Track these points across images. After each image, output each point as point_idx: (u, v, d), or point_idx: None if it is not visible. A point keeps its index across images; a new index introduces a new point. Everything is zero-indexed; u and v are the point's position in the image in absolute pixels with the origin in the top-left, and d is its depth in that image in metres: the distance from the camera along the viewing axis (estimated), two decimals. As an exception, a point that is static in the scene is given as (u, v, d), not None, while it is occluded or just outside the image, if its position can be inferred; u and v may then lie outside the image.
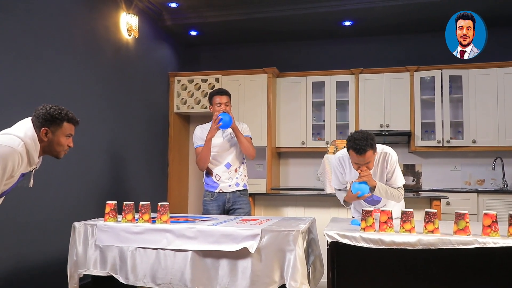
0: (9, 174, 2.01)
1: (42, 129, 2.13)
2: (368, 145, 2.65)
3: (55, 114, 2.15)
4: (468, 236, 2.26)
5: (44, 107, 2.17)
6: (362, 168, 2.75)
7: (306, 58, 6.17)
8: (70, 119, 2.21)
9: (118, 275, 2.68)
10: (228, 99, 3.54)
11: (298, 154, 6.03)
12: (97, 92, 4.26)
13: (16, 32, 3.28)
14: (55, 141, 2.17)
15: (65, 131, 2.20)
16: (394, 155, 2.91)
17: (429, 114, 5.47)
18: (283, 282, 2.47)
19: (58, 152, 2.21)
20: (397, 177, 2.92)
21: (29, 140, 2.08)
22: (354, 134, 2.71)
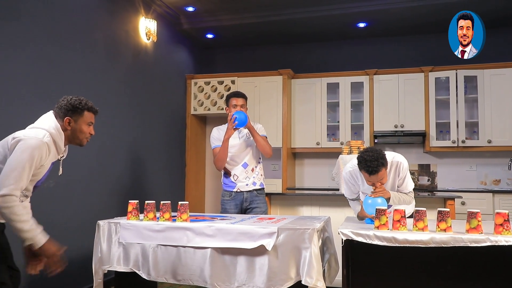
0: (38, 164, 2.13)
1: (65, 119, 2.29)
2: (379, 164, 2.68)
3: (75, 104, 2.31)
4: (480, 235, 2.31)
5: (65, 99, 2.33)
6: (377, 184, 2.79)
7: (320, 60, 6.24)
8: (90, 108, 2.37)
9: (141, 271, 2.79)
10: (244, 101, 3.64)
11: (313, 155, 6.10)
12: (118, 95, 4.40)
13: (42, 38, 3.42)
14: (78, 129, 2.33)
15: (86, 120, 2.35)
16: (405, 163, 2.95)
17: (444, 115, 5.49)
18: (299, 279, 2.55)
19: (81, 140, 2.36)
20: (408, 183, 2.98)
21: (54, 130, 2.23)
22: (365, 155, 2.72)
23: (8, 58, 3.11)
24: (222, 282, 2.65)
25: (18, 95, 3.19)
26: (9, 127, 3.08)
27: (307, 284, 2.50)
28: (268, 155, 3.63)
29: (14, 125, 3.12)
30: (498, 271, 2.46)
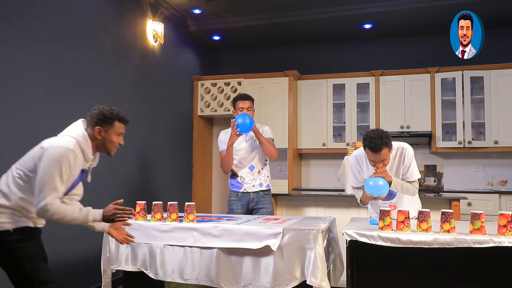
0: (68, 170, 2.16)
1: (96, 128, 2.29)
2: (383, 143, 2.72)
3: (107, 114, 2.31)
4: (484, 236, 2.33)
5: (97, 108, 2.33)
6: (378, 165, 2.82)
7: (326, 61, 6.26)
8: (121, 118, 2.37)
9: (148, 270, 2.85)
10: (251, 104, 3.68)
11: (319, 155, 6.13)
12: (126, 96, 4.46)
13: (52, 41, 3.48)
14: (108, 139, 2.33)
15: (116, 130, 2.35)
16: (410, 150, 2.99)
17: (450, 115, 5.49)
18: (304, 279, 2.59)
19: (109, 149, 2.37)
20: (412, 171, 2.99)
21: (81, 139, 2.25)
22: (370, 133, 2.79)
23: (18, 60, 3.17)
24: (228, 281, 2.70)
25: (28, 96, 3.25)
26: (20, 128, 3.16)
27: (312, 284, 2.53)
28: (273, 158, 3.66)
29: (25, 126, 3.19)
30: (501, 272, 2.47)
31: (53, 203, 2.08)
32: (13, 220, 2.13)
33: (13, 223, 2.13)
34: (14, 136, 3.13)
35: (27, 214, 2.18)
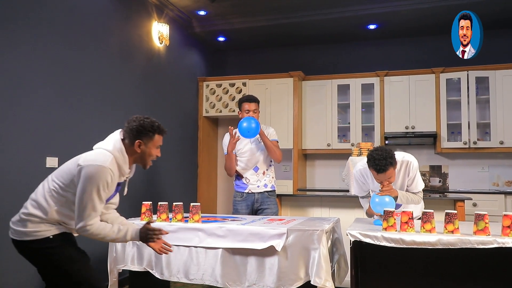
0: (106, 188, 2.13)
1: (136, 142, 2.23)
2: (387, 163, 2.72)
3: (148, 127, 2.24)
4: (488, 236, 2.34)
5: (137, 119, 2.25)
6: (385, 183, 2.83)
7: (331, 62, 6.27)
8: (161, 131, 2.30)
9: (154, 270, 2.88)
10: (257, 106, 3.69)
11: (324, 156, 6.14)
12: (132, 98, 4.50)
13: (58, 43, 3.52)
14: (147, 153, 2.27)
15: (156, 143, 2.29)
16: (415, 163, 2.99)
17: (455, 116, 5.48)
18: (308, 279, 2.61)
19: (146, 162, 2.32)
20: (417, 183, 3.02)
21: (118, 153, 2.19)
22: (374, 153, 2.77)
23: (26, 62, 3.21)
24: (233, 281, 2.72)
25: (36, 98, 3.29)
26: (28, 129, 3.20)
27: (316, 284, 2.55)
28: (277, 161, 3.68)
29: (33, 127, 3.23)
30: (506, 273, 2.48)
31: (93, 223, 2.10)
32: (51, 227, 2.16)
33: (51, 230, 2.16)
34: (23, 137, 3.17)
35: (63, 225, 2.21)
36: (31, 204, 2.18)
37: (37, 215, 2.14)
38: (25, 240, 2.14)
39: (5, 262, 3.00)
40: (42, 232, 2.14)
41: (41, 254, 2.15)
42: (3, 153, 3.01)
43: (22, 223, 2.15)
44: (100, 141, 2.32)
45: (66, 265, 2.15)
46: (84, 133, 3.74)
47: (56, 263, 2.15)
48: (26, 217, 2.15)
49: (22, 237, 2.14)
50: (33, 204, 2.18)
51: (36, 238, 2.13)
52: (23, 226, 2.14)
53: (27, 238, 2.13)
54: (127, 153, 2.23)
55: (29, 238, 2.13)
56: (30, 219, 2.14)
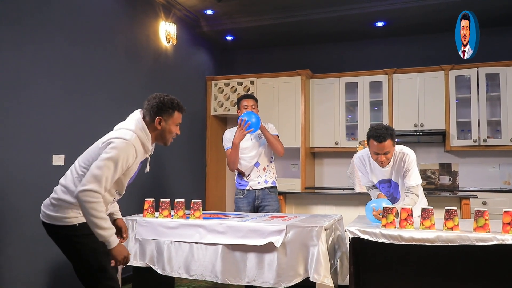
0: (124, 166, 2.15)
1: (157, 118, 2.27)
2: (388, 134, 2.77)
3: (168, 103, 2.28)
4: (487, 233, 2.31)
5: (157, 97, 2.30)
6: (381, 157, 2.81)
7: (339, 60, 6.25)
8: (181, 108, 2.35)
9: (156, 266, 2.91)
10: (255, 102, 3.73)
11: (333, 154, 6.12)
12: (139, 97, 4.52)
13: (65, 43, 3.59)
14: (167, 129, 2.31)
15: (175, 120, 2.34)
16: (412, 155, 2.97)
17: (465, 113, 5.41)
18: (307, 275, 2.60)
19: (167, 139, 2.36)
20: (411, 176, 2.95)
21: (140, 132, 2.24)
22: (375, 125, 2.89)
23: (33, 62, 3.28)
24: (233, 277, 2.73)
25: (43, 98, 3.35)
26: (34, 127, 3.26)
27: (314, 280, 2.55)
28: (280, 154, 3.69)
29: (40, 126, 3.30)
30: (505, 271, 2.45)
31: (99, 191, 2.05)
32: (79, 215, 2.17)
33: (79, 217, 2.18)
34: (30, 135, 3.23)
35: None
36: (60, 189, 2.21)
37: (66, 200, 2.17)
38: (53, 224, 2.19)
39: (16, 254, 3.07)
40: (70, 219, 2.18)
41: (66, 240, 2.20)
42: (10, 150, 3.08)
43: (52, 207, 2.19)
44: None
45: (87, 254, 2.18)
46: (91, 131, 3.79)
47: (79, 251, 2.19)
48: (55, 201, 2.19)
49: (51, 221, 2.19)
50: (62, 189, 2.21)
51: (63, 224, 2.17)
52: (53, 211, 2.18)
53: (56, 222, 2.18)
54: (148, 130, 2.27)
55: (57, 223, 2.18)
56: (59, 204, 2.18)
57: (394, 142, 2.86)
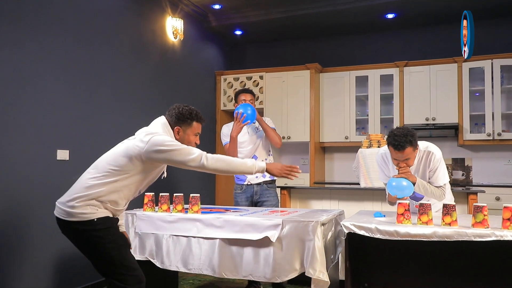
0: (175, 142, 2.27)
1: (175, 128, 2.38)
2: (407, 142, 2.64)
3: (186, 114, 2.39)
4: (486, 229, 2.25)
5: (176, 107, 2.41)
6: (401, 164, 2.74)
7: (349, 53, 6.16)
8: (199, 118, 2.44)
9: (155, 260, 2.93)
10: (252, 97, 3.74)
11: (343, 149, 6.05)
12: (146, 93, 4.58)
13: (70, 40, 3.63)
14: (186, 139, 2.40)
15: (194, 130, 2.43)
16: (438, 154, 2.84)
17: (479, 106, 5.28)
18: (303, 270, 2.58)
19: None
20: (438, 176, 2.84)
21: (168, 135, 2.34)
22: (395, 130, 2.72)
23: (37, 58, 3.33)
24: (229, 271, 2.73)
25: (47, 93, 3.40)
26: (39, 123, 3.31)
27: (310, 275, 2.53)
28: (278, 146, 3.72)
29: (44, 121, 3.35)
30: (505, 266, 2.38)
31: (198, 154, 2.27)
32: (97, 211, 2.21)
33: (97, 213, 2.21)
34: (34, 130, 3.29)
35: (107, 206, 2.26)
36: (83, 186, 2.23)
37: (87, 196, 2.20)
38: (70, 220, 2.19)
39: (21, 248, 3.14)
40: (88, 215, 2.19)
41: (84, 236, 2.20)
42: (15, 145, 3.13)
43: (69, 203, 2.20)
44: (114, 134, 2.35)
45: (107, 248, 2.19)
46: (96, 126, 3.84)
47: (97, 246, 2.20)
48: (75, 198, 2.20)
49: (68, 218, 2.19)
50: (85, 186, 2.23)
51: (81, 219, 2.18)
52: (70, 207, 2.19)
53: (73, 219, 2.18)
54: None
55: (74, 219, 2.18)
56: (78, 200, 2.19)
57: (416, 147, 2.72)
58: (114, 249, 2.20)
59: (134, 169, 2.26)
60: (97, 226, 2.20)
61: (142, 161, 2.25)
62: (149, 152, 2.21)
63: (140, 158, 2.23)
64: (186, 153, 2.24)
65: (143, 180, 2.35)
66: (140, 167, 2.27)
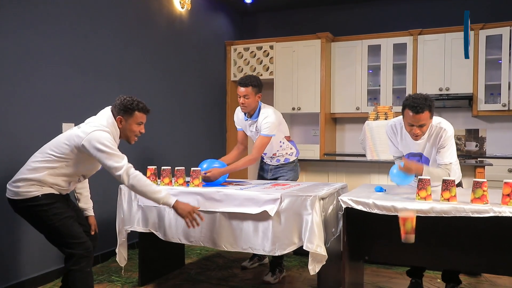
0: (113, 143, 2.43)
1: (117, 118, 2.53)
2: (426, 105, 2.54)
3: (127, 104, 2.52)
4: (485, 205, 2.21)
5: (119, 99, 2.55)
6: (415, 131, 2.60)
7: (361, 21, 5.99)
8: (141, 108, 2.57)
9: (158, 232, 2.99)
10: (249, 91, 3.22)
11: (355, 120, 5.97)
12: (153, 64, 4.56)
13: (73, 15, 3.60)
14: (128, 128, 2.56)
15: (136, 119, 2.56)
16: (450, 131, 2.70)
17: (495, 76, 5.10)
18: (301, 244, 2.60)
19: (129, 137, 2.60)
20: (446, 153, 2.70)
21: (111, 127, 2.49)
22: (414, 94, 2.64)
23: (43, 31, 3.32)
24: (229, 244, 2.78)
25: (52, 67, 3.42)
26: (44, 96, 3.34)
27: (307, 249, 2.55)
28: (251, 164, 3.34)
29: (49, 94, 3.38)
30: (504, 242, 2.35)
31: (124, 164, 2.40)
32: (41, 188, 2.40)
33: (41, 190, 2.40)
34: (40, 104, 3.33)
35: (52, 186, 2.45)
36: (26, 169, 2.44)
37: (30, 179, 2.38)
38: (17, 199, 2.40)
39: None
40: (33, 192, 2.39)
41: (31, 211, 2.41)
42: (21, 119, 3.18)
43: (15, 184, 2.41)
44: None
45: (51, 220, 2.39)
46: (100, 99, 3.85)
47: (43, 219, 2.40)
48: (20, 179, 2.41)
49: (15, 197, 2.41)
50: (28, 168, 2.43)
51: (26, 197, 2.39)
52: (16, 187, 2.40)
53: (19, 197, 2.40)
54: None
55: (20, 198, 2.39)
56: (23, 182, 2.39)
57: (432, 114, 2.62)
58: (59, 220, 2.39)
59: (75, 157, 2.43)
60: (42, 201, 2.38)
61: (80, 150, 2.40)
62: (85, 145, 2.37)
63: (78, 148, 2.40)
64: (114, 160, 2.38)
65: (83, 168, 2.52)
66: (80, 156, 2.43)
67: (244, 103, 3.26)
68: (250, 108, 3.30)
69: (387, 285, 3.23)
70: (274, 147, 3.41)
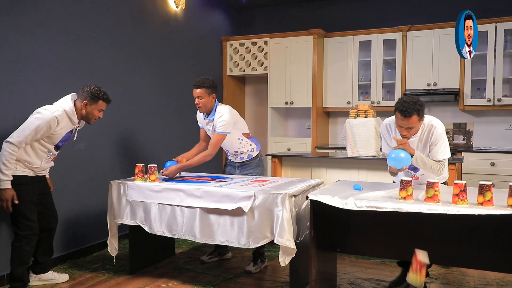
0: (45, 131, 2.87)
1: (84, 102, 3.00)
2: (414, 109, 2.67)
3: (94, 92, 3.01)
4: (436, 204, 2.40)
5: (88, 86, 3.03)
6: (404, 132, 2.77)
7: (353, 17, 6.10)
8: (105, 99, 3.07)
9: (144, 225, 3.23)
10: (202, 92, 3.41)
11: (347, 114, 6.05)
12: (146, 63, 4.74)
13: (67, 16, 3.77)
14: (90, 112, 3.05)
15: (99, 107, 3.06)
16: (440, 128, 2.86)
17: (481, 71, 5.22)
18: (273, 238, 2.82)
19: (89, 120, 3.10)
20: (438, 150, 2.86)
21: (68, 109, 2.97)
22: (404, 97, 2.77)
23: (37, 37, 3.51)
24: (208, 237, 3.01)
25: (46, 65, 3.61)
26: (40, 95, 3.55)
27: (278, 243, 2.77)
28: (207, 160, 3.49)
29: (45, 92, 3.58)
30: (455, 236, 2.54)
31: (18, 146, 2.81)
32: (15, 169, 2.85)
33: (14, 172, 2.85)
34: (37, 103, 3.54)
35: (28, 166, 2.94)
36: None
37: None
38: None
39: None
40: None
41: None
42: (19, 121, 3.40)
43: None
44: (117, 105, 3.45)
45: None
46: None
47: None
48: None
49: None
50: None
51: None
52: None
53: None
54: (76, 109, 3.01)
55: None
56: None
57: (421, 117, 2.75)
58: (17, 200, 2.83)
59: None
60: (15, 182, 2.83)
61: None
62: None
63: None
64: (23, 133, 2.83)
65: (48, 143, 2.95)
66: None
67: (199, 104, 3.47)
68: (205, 108, 3.50)
69: (361, 275, 3.44)
70: (234, 144, 3.61)
